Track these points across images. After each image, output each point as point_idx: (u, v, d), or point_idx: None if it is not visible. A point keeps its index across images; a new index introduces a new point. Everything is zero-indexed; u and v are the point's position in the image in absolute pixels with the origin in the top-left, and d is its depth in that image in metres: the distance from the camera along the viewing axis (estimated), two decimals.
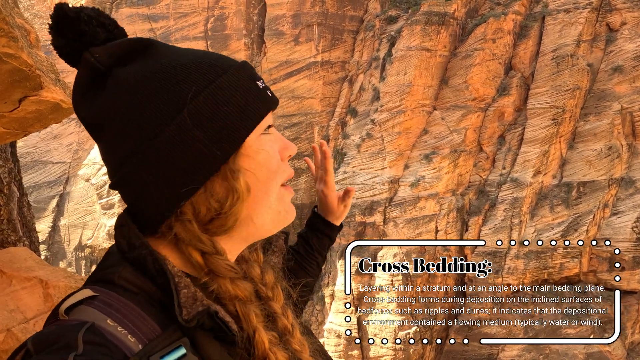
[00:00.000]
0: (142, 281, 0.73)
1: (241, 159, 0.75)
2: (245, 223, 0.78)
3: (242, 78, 0.77)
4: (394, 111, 32.42)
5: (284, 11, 35.81)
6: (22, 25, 1.97)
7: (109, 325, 0.66)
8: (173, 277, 0.71)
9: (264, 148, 0.77)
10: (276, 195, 0.79)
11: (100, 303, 0.69)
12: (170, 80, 0.71)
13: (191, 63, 0.73)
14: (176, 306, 0.69)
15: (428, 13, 32.42)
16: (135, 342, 0.66)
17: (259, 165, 0.77)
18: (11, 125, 1.94)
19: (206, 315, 0.70)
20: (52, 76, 1.95)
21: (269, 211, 0.79)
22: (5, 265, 1.85)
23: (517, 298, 29.92)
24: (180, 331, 0.70)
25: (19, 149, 34.60)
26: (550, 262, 29.41)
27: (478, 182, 32.14)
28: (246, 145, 0.75)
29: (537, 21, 32.92)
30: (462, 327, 30.10)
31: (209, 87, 0.73)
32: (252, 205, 0.77)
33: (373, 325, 30.72)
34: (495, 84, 32.59)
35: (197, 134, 0.70)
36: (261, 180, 0.77)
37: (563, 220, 29.66)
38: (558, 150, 31.14)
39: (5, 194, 2.22)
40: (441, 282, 31.15)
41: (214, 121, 0.72)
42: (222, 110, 0.73)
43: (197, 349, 0.71)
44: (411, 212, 30.95)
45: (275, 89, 36.20)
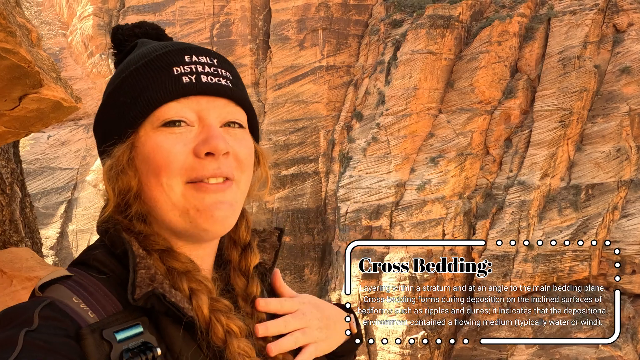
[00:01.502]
0: (112, 262, 0.75)
1: (134, 151, 0.77)
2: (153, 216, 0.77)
3: (153, 65, 0.77)
4: (399, 115, 32.38)
5: (289, 16, 36.00)
6: (24, 24, 1.99)
7: (73, 302, 0.69)
8: (135, 257, 0.73)
9: (151, 141, 0.75)
10: (179, 193, 0.75)
11: (72, 282, 0.72)
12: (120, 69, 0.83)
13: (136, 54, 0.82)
14: (129, 285, 0.70)
15: (433, 16, 32.41)
16: (95, 317, 0.68)
17: (144, 158, 0.75)
18: (12, 124, 1.95)
19: (154, 297, 0.70)
20: (53, 75, 1.95)
21: (173, 209, 0.75)
22: (6, 265, 1.86)
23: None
24: (142, 311, 0.71)
25: (28, 156, 34.99)
26: (559, 266, 29.09)
27: (485, 185, 31.94)
28: (137, 138, 0.76)
29: (543, 23, 32.77)
30: (471, 331, 29.82)
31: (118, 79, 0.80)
32: (147, 200, 0.77)
33: (380, 328, 30.53)
34: (501, 86, 32.45)
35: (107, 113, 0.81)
36: (147, 173, 0.75)
37: (572, 223, 29.36)
38: (566, 152, 30.88)
39: (8, 194, 2.23)
40: (449, 285, 30.92)
41: (106, 115, 0.80)
42: (118, 101, 0.78)
43: (159, 332, 0.71)
44: (418, 215, 30.80)
45: (281, 93, 36.34)
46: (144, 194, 0.76)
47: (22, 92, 1.68)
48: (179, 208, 0.75)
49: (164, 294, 0.70)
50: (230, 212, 0.78)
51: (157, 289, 0.70)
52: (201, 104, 0.76)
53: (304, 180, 35.93)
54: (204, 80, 0.77)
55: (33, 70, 1.51)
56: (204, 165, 0.75)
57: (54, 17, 36.46)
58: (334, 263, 34.12)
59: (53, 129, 35.57)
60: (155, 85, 0.75)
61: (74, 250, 35.51)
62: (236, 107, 0.82)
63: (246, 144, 0.82)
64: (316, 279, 35.80)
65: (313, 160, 35.96)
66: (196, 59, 0.79)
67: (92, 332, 0.65)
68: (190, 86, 0.76)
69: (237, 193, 0.79)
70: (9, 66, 1.43)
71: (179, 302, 0.71)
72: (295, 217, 35.49)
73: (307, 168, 36.03)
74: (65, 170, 36.98)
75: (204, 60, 0.79)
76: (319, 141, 35.98)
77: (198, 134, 0.75)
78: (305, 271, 35.74)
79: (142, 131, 0.76)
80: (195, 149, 0.75)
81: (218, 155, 0.75)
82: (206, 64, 0.79)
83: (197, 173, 0.75)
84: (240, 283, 0.87)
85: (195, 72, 0.77)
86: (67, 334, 0.64)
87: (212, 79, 0.78)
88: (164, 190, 0.75)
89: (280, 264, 35.46)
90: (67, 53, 38.33)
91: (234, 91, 0.81)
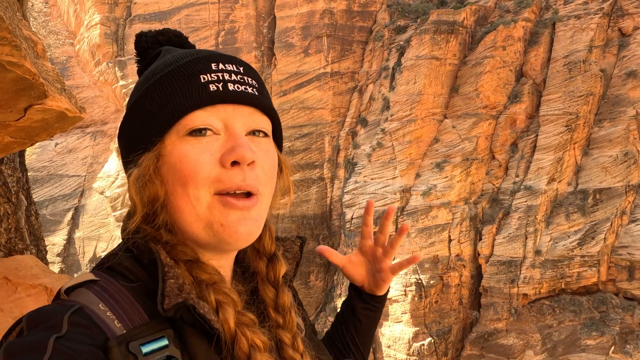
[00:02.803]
0: (139, 270, 0.75)
1: (161, 160, 0.76)
2: (177, 227, 0.77)
3: (179, 73, 0.77)
4: (404, 120, 32.38)
5: (294, 23, 36.23)
6: (30, 37, 2.02)
7: (100, 310, 0.68)
8: (163, 266, 0.72)
9: (178, 149, 0.74)
10: (205, 204, 0.74)
11: (98, 287, 0.71)
12: (145, 77, 0.82)
13: (161, 62, 0.82)
14: (159, 295, 0.69)
15: (437, 22, 32.49)
16: (121, 327, 0.67)
17: (170, 167, 0.75)
18: (18, 134, 1.97)
19: (184, 308, 0.69)
20: (57, 85, 1.98)
21: (197, 220, 0.75)
22: (11, 272, 1.87)
23: (534, 307, 29.30)
24: (167, 323, 0.70)
25: (35, 163, 35.33)
26: (568, 272, 28.80)
27: (491, 190, 31.78)
28: (163, 147, 0.76)
29: (548, 28, 32.73)
30: (478, 338, 29.53)
31: (144, 87, 0.79)
32: (173, 210, 0.76)
33: (386, 335, 30.33)
34: (507, 91, 32.38)
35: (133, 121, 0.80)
36: (173, 183, 0.74)
37: (580, 228, 29.09)
38: (572, 157, 30.68)
39: (14, 202, 2.25)
40: (455, 292, 30.69)
41: (131, 125, 0.79)
42: (145, 110, 0.77)
43: (184, 344, 0.70)
44: (423, 221, 30.68)
45: (286, 100, 36.49)
46: (170, 203, 0.75)
47: (27, 103, 1.71)
48: (203, 220, 0.74)
49: (195, 305, 0.70)
50: (255, 228, 0.77)
51: (188, 301, 0.69)
52: (228, 112, 0.76)
53: (309, 186, 35.95)
54: (231, 89, 0.76)
55: (38, 82, 1.53)
56: (230, 176, 0.74)
57: (61, 27, 36.94)
58: (339, 269, 33.97)
59: (60, 136, 35.93)
60: (182, 93, 0.75)
61: (80, 257, 35.69)
62: (262, 115, 0.81)
63: (271, 155, 0.81)
64: (322, 285, 35.68)
65: (318, 166, 36.00)
66: (223, 67, 0.78)
67: (119, 344, 0.64)
68: (217, 94, 0.75)
69: (261, 207, 0.78)
70: (14, 78, 1.46)
71: (207, 314, 0.71)
72: (301, 223, 35.47)
73: (312, 174, 36.07)
74: (72, 177, 37.28)
75: (230, 68, 0.79)
76: (324, 147, 36.04)
77: (224, 142, 0.75)
78: (311, 277, 35.64)
79: (168, 140, 0.75)
80: (221, 159, 0.74)
81: (244, 165, 0.75)
82: (233, 72, 0.78)
83: (224, 185, 0.74)
84: (270, 294, 0.87)
85: (222, 80, 0.76)
86: (95, 344, 0.64)
87: (238, 87, 0.77)
88: (189, 200, 0.74)
89: None
90: (75, 62, 38.78)
91: (260, 99, 0.80)
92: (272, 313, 0.85)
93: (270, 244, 0.90)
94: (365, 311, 1.21)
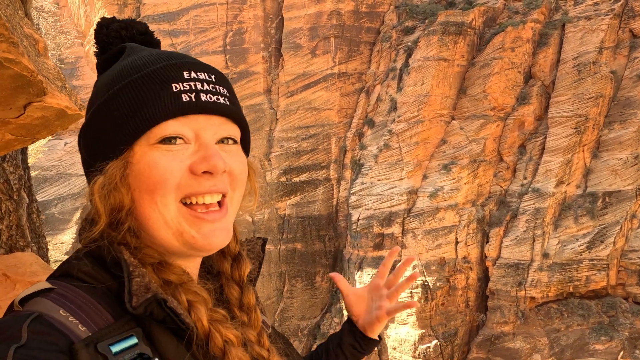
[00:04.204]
0: (100, 274, 0.73)
1: (128, 167, 0.74)
2: (145, 233, 0.75)
3: (151, 80, 0.75)
4: (411, 121, 32.27)
5: (301, 24, 36.28)
6: (31, 35, 2.02)
7: (61, 316, 0.66)
8: (128, 266, 0.71)
9: (147, 157, 0.73)
10: (173, 212, 0.74)
11: (56, 295, 0.69)
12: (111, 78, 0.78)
13: (128, 64, 0.79)
14: (126, 293, 0.68)
15: (445, 23, 32.35)
16: (85, 331, 0.66)
17: (138, 175, 0.73)
18: (18, 131, 1.98)
19: (154, 303, 0.68)
20: (58, 83, 1.99)
21: (165, 227, 0.74)
22: (10, 269, 1.89)
23: (542, 311, 29.02)
24: (134, 322, 0.69)
25: (45, 162, 35.71)
26: (576, 275, 28.49)
27: (499, 192, 31.56)
28: (132, 154, 0.74)
29: (557, 29, 32.45)
30: (484, 341, 29.31)
31: (111, 90, 0.76)
32: (140, 217, 0.75)
33: (392, 337, 30.21)
34: (515, 92, 32.14)
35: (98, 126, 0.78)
36: (140, 190, 0.73)
37: (588, 231, 28.78)
38: (581, 159, 30.37)
39: (15, 200, 2.27)
40: (462, 295, 30.50)
41: (104, 122, 0.76)
42: (112, 115, 0.75)
43: (152, 342, 0.69)
44: (430, 223, 30.53)
45: (293, 101, 36.54)
46: (137, 210, 0.74)
47: (27, 101, 1.71)
48: (171, 227, 0.74)
49: (165, 299, 0.69)
50: (227, 237, 0.78)
51: (159, 294, 0.69)
52: (199, 122, 0.75)
53: (315, 187, 35.94)
54: (203, 99, 0.76)
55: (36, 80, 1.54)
56: (200, 182, 0.74)
57: (72, 28, 37.33)
58: (345, 270, 33.93)
59: (70, 136, 36.28)
60: (153, 101, 0.73)
61: None
62: (232, 124, 0.80)
63: (240, 159, 0.81)
64: (327, 286, 35.63)
65: (325, 167, 35.98)
66: (195, 76, 0.77)
67: (86, 346, 0.63)
68: (190, 105, 0.74)
69: (230, 215, 0.79)
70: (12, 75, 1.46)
71: (177, 308, 0.70)
72: (307, 224, 35.47)
73: (318, 175, 36.05)
74: (81, 176, 37.60)
75: (202, 76, 0.78)
76: (330, 148, 36.01)
77: (195, 151, 0.75)
78: (317, 278, 35.62)
79: (137, 148, 0.73)
80: (192, 166, 0.74)
81: (216, 174, 0.75)
82: (205, 81, 0.77)
83: (192, 189, 0.74)
84: (235, 293, 0.87)
85: (194, 90, 0.75)
86: (59, 349, 0.62)
87: (210, 98, 0.76)
88: (157, 207, 0.73)
89: (292, 270, 35.43)
90: (84, 62, 39.16)
91: (231, 109, 0.80)
92: (237, 311, 0.86)
93: (235, 245, 0.90)
94: (353, 349, 1.22)
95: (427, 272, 30.22)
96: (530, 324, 28.79)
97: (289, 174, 35.89)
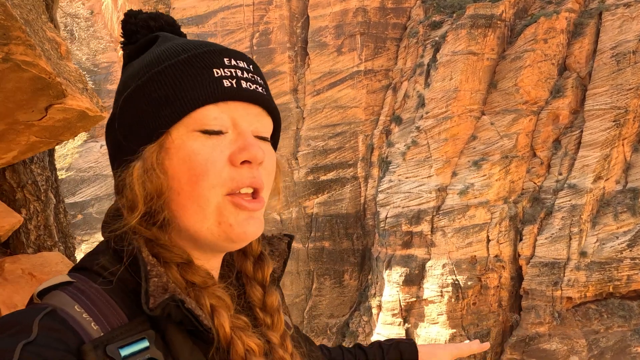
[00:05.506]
0: (120, 270, 0.71)
1: (161, 155, 0.71)
2: (178, 225, 0.73)
3: (192, 64, 0.73)
4: (440, 117, 31.70)
5: (327, 23, 36.25)
6: (53, 39, 2.07)
7: (75, 312, 0.65)
8: (145, 265, 0.69)
9: (187, 145, 0.71)
10: (215, 204, 0.71)
11: (74, 289, 0.68)
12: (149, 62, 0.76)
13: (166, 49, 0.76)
14: (143, 294, 0.66)
15: (474, 16, 31.58)
16: (98, 330, 0.64)
17: (177, 163, 0.71)
18: (42, 134, 2.03)
19: (172, 305, 0.66)
20: (79, 85, 2.03)
21: (204, 220, 0.72)
22: (36, 268, 1.95)
23: (579, 312, 27.97)
24: (148, 323, 0.67)
25: (82, 164, 37.12)
26: (616, 275, 27.29)
27: (532, 189, 30.58)
28: (169, 140, 0.71)
29: (594, 18, 31.12)
30: (519, 342, 28.49)
31: (150, 72, 0.74)
32: (178, 209, 0.72)
33: (422, 337, 29.81)
34: (549, 85, 31.05)
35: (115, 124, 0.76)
36: (180, 181, 0.71)
37: (629, 229, 27.50)
38: (621, 153, 29.04)
39: (43, 200, 2.34)
40: (494, 294, 29.75)
41: (134, 110, 0.73)
42: (150, 96, 0.72)
43: (167, 344, 0.67)
44: (460, 220, 29.92)
45: (319, 99, 36.56)
46: (173, 200, 0.72)
47: (47, 103, 1.76)
48: (210, 220, 0.72)
49: (183, 299, 0.67)
50: (260, 228, 0.76)
51: (176, 295, 0.66)
52: (238, 110, 0.74)
53: (342, 185, 35.87)
54: (244, 86, 0.74)
55: (55, 82, 1.57)
56: (241, 174, 0.72)
57: (105, 33, 38.64)
58: (373, 268, 33.73)
59: None
60: (194, 85, 0.72)
61: None
62: (267, 117, 0.79)
63: (272, 157, 0.79)
64: (356, 285, 35.53)
65: (352, 165, 35.85)
66: (235, 63, 0.76)
67: (95, 348, 0.61)
68: (231, 91, 0.73)
69: (263, 208, 0.78)
70: (31, 78, 1.50)
71: (195, 309, 0.68)
72: (335, 222, 35.46)
73: (345, 173, 35.97)
74: None
75: (242, 65, 0.77)
76: (357, 146, 35.85)
77: (233, 141, 0.73)
78: (345, 276, 35.57)
79: (175, 133, 0.71)
80: (231, 157, 0.72)
81: (255, 164, 0.73)
82: (244, 69, 0.76)
83: (236, 183, 0.72)
84: (257, 294, 0.85)
85: (235, 77, 0.74)
86: (68, 349, 0.60)
87: (250, 86, 0.75)
88: (197, 199, 0.71)
89: (320, 269, 35.52)
90: (118, 67, 40.49)
91: (268, 100, 0.78)
92: (260, 313, 0.83)
93: (257, 244, 0.87)
94: None
95: (457, 271, 29.64)
96: (567, 325, 27.80)
97: (316, 173, 35.96)
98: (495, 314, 29.73)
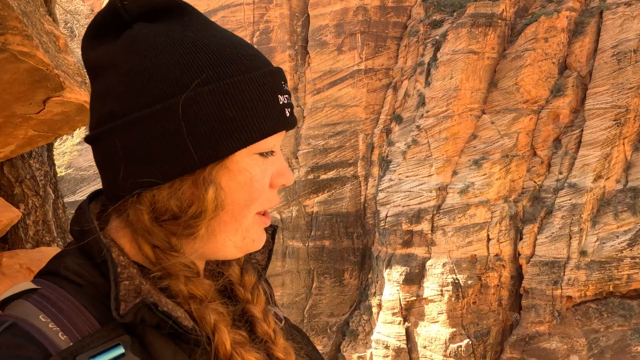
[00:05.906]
0: (89, 272, 0.65)
1: (221, 173, 0.67)
2: (204, 240, 0.70)
3: (264, 86, 0.69)
4: (440, 116, 31.68)
5: (327, 21, 36.20)
6: (52, 31, 2.06)
7: (40, 322, 0.59)
8: (115, 266, 0.63)
9: (250, 169, 0.68)
10: (249, 222, 0.71)
11: (38, 297, 0.62)
12: (185, 56, 0.64)
13: (216, 47, 0.66)
14: (112, 299, 0.61)
15: (474, 15, 31.55)
16: (67, 340, 0.59)
17: (237, 186, 0.68)
18: (40, 127, 2.02)
19: (145, 309, 0.61)
20: (77, 79, 2.02)
21: (234, 235, 0.71)
22: (34, 263, 1.93)
23: (579, 311, 27.97)
24: (123, 329, 0.62)
25: (83, 162, 37.11)
26: (616, 274, 27.29)
27: (532, 188, 30.57)
28: (232, 160, 0.67)
29: (594, 17, 31.08)
30: (519, 341, 28.50)
31: (222, 81, 0.65)
32: (218, 226, 0.69)
33: (422, 335, 29.84)
34: (549, 84, 31.02)
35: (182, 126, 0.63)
36: (234, 203, 0.68)
37: (630, 228, 27.49)
38: (622, 152, 29.02)
39: (41, 196, 2.33)
40: (494, 293, 29.76)
41: (207, 121, 0.64)
42: (224, 113, 0.65)
43: (146, 349, 0.63)
44: (460, 219, 29.91)
45: (319, 98, 36.54)
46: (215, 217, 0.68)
47: (45, 95, 1.74)
48: (238, 235, 0.71)
49: (156, 302, 0.62)
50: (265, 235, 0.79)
51: (147, 298, 0.62)
52: (281, 134, 0.74)
53: (343, 184, 35.86)
54: (292, 116, 0.73)
55: (52, 73, 1.55)
56: (275, 195, 0.74)
57: None
58: (373, 267, 33.73)
59: None
60: (267, 113, 0.68)
61: None
62: None
63: None
64: (356, 283, 35.53)
65: (352, 164, 35.84)
66: (286, 88, 0.73)
67: None
68: (290, 121, 0.72)
69: None
70: (28, 69, 1.48)
71: (172, 311, 0.63)
72: (335, 221, 35.46)
73: (346, 172, 35.96)
74: None
75: (287, 88, 0.74)
76: (357, 145, 35.84)
77: (273, 161, 0.72)
78: (345, 275, 35.57)
79: (239, 155, 0.67)
80: (272, 181, 0.72)
81: None
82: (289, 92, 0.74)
83: (269, 204, 0.73)
84: (237, 271, 0.83)
85: (289, 105, 0.72)
86: None
87: (293, 112, 0.75)
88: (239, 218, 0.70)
89: (320, 267, 35.53)
90: None
91: None
92: (240, 289, 0.80)
93: None
94: None
95: (457, 270, 29.64)
96: (567, 324, 27.81)
97: (317, 172, 35.95)
98: (495, 313, 29.74)
